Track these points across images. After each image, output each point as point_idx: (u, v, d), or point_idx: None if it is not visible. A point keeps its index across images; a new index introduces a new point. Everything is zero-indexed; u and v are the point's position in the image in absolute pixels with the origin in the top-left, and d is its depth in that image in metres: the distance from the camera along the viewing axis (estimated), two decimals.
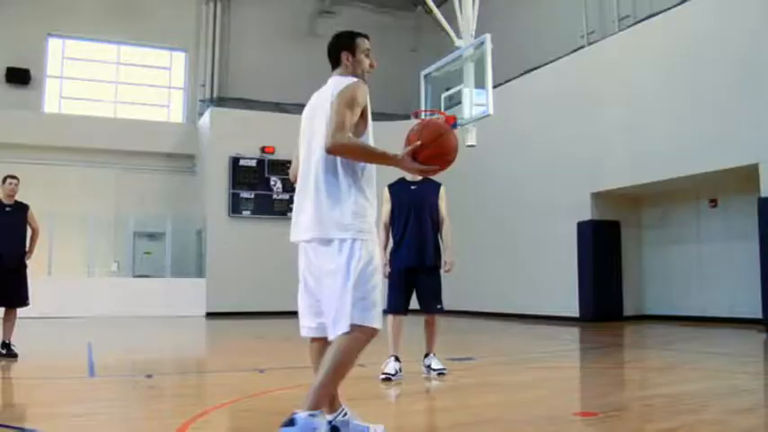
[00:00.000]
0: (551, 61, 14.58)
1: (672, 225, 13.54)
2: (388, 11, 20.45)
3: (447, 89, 9.95)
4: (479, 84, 9.24)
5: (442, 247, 6.01)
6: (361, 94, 3.22)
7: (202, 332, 13.03)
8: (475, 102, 9.29)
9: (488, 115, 9.15)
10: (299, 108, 15.25)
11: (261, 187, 17.59)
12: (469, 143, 9.72)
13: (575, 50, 14.30)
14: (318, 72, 18.86)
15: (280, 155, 17.50)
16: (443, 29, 10.16)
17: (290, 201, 17.52)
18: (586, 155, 13.29)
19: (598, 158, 13.12)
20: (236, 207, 17.33)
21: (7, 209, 7.68)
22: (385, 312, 5.67)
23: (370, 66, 3.51)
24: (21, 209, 7.80)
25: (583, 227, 13.40)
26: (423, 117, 9.80)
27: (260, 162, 17.61)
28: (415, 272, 5.90)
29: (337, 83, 3.31)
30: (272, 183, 17.73)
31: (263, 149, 17.62)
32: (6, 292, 7.49)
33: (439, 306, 5.95)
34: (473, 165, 16.12)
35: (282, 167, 17.38)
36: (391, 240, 6.01)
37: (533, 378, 6.07)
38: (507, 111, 14.67)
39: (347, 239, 3.10)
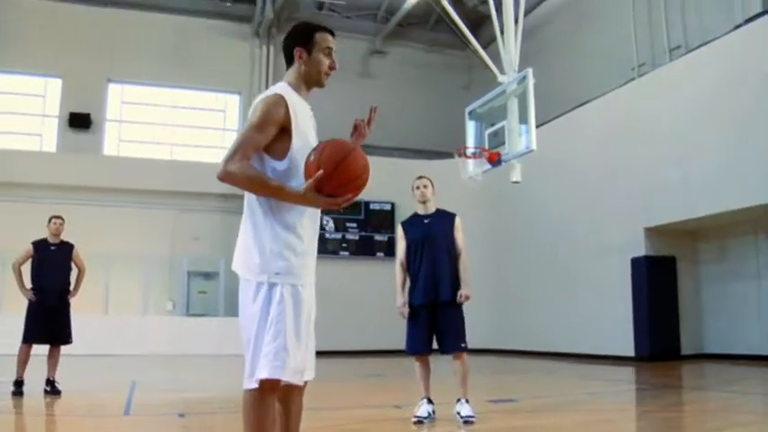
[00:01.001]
0: (600, 95, 14.61)
1: (730, 260, 13.30)
2: (439, 49, 20.82)
3: (492, 125, 10.12)
4: (523, 119, 9.37)
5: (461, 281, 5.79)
6: (272, 110, 2.78)
7: None
8: (518, 138, 9.40)
9: (531, 151, 9.24)
10: None
11: (342, 208, 17.87)
12: (514, 179, 9.81)
13: (624, 83, 14.31)
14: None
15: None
16: (487, 65, 10.37)
17: (343, 240, 17.89)
18: (638, 189, 13.24)
19: (651, 192, 13.03)
20: None
21: (52, 247, 8.09)
22: (407, 353, 5.83)
23: (330, 67, 3.07)
24: (66, 247, 8.19)
25: (637, 263, 13.29)
26: (469, 154, 10.02)
27: None
28: (432, 309, 5.73)
29: (264, 93, 2.92)
30: (323, 222, 18.06)
31: None
32: (49, 330, 7.82)
33: (462, 344, 5.71)
34: (521, 202, 16.28)
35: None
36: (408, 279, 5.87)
37: (576, 421, 5.91)
38: (556, 147, 14.80)
39: (263, 283, 2.75)
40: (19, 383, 7.51)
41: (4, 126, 18.79)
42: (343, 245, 17.87)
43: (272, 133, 2.77)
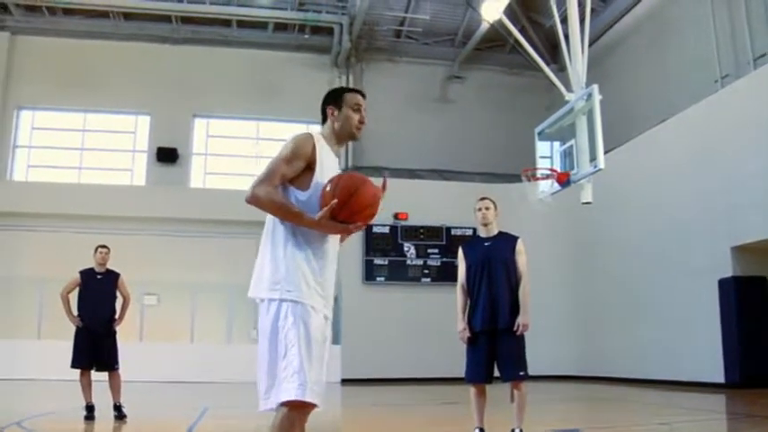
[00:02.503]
0: (681, 111, 14.25)
1: None
2: (518, 71, 20.83)
3: (562, 145, 10.07)
4: (592, 138, 9.27)
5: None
6: (301, 147, 3.13)
7: (335, 399, 13.40)
8: (587, 157, 9.31)
9: (599, 170, 9.12)
10: (432, 174, 15.89)
11: (394, 253, 18.07)
12: (585, 200, 9.73)
13: (706, 97, 13.87)
14: (451, 137, 19.67)
15: (413, 221, 18.02)
16: (553, 84, 10.36)
17: (425, 266, 17.96)
18: (724, 206, 12.82)
19: (738, 209, 12.57)
20: (370, 274, 17.87)
21: (98, 276, 8.45)
22: (465, 381, 5.76)
23: (360, 122, 3.39)
24: (112, 276, 8.53)
25: (725, 284, 12.84)
26: (539, 175, 10.00)
27: (393, 228, 18.15)
28: (491, 335, 5.60)
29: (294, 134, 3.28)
30: (405, 249, 18.18)
31: (396, 216, 18.16)
32: (96, 357, 8.16)
33: (522, 372, 5.53)
34: (600, 224, 16.11)
35: (416, 233, 17.91)
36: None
37: None
38: (636, 166, 14.60)
39: (275, 300, 3.00)
40: (90, 408, 7.92)
41: (99, 162, 19.81)
42: (425, 271, 17.96)
43: (298, 167, 3.12)
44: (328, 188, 3.04)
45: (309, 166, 3.13)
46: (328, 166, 3.21)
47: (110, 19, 20.09)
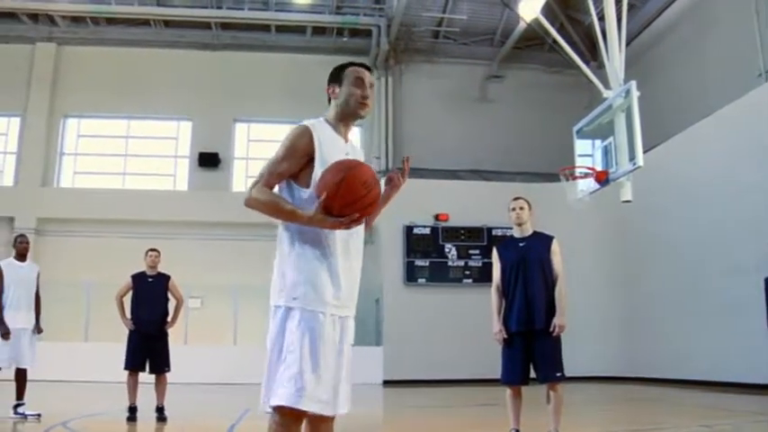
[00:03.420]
0: (723, 107, 13.95)
1: None
2: (558, 70, 20.63)
3: (602, 143, 9.99)
4: (630, 135, 9.17)
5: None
6: (298, 141, 2.94)
7: (375, 400, 13.44)
8: (626, 155, 9.20)
9: (638, 167, 9.02)
10: (472, 174, 15.84)
11: (435, 255, 18.04)
12: (624, 199, 9.63)
13: (748, 92, 13.56)
14: (491, 137, 19.60)
15: (453, 222, 17.99)
16: (590, 81, 10.29)
17: (466, 267, 17.91)
18: (767, 204, 12.46)
19: None
20: (411, 275, 17.87)
21: (150, 279, 8.58)
22: (501, 383, 5.73)
23: (363, 97, 3.12)
24: (163, 279, 8.66)
25: None
26: (577, 174, 9.94)
27: (434, 229, 18.13)
28: (527, 336, 5.55)
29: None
30: (446, 250, 18.14)
31: (436, 217, 18.15)
32: (148, 359, 8.31)
33: (558, 374, 5.46)
34: (638, 223, 15.90)
35: (456, 234, 17.88)
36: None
37: None
38: (678, 163, 14.34)
39: (281, 307, 2.91)
40: (132, 410, 8.06)
41: (142, 168, 20.21)
42: (466, 272, 17.90)
43: (297, 162, 2.93)
44: (318, 180, 2.86)
45: (311, 160, 2.94)
46: (332, 155, 2.97)
47: (151, 27, 20.50)
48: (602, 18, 11.12)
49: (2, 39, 20.06)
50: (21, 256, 8.45)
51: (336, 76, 3.16)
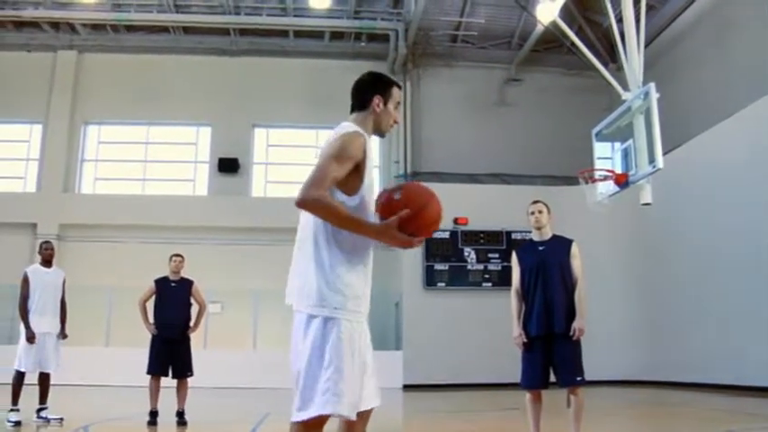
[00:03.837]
0: (742, 108, 13.81)
1: None
2: (576, 72, 20.57)
3: (621, 145, 9.96)
4: (650, 137, 9.13)
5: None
6: (356, 147, 2.89)
7: (395, 405, 13.43)
8: (645, 157, 9.15)
9: (658, 170, 8.97)
10: (491, 178, 15.79)
11: (454, 259, 18.01)
12: (644, 201, 9.59)
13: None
14: (510, 140, 19.57)
15: (473, 226, 17.96)
16: (609, 83, 10.28)
17: (485, 271, 17.87)
18: None
19: None
20: (430, 279, 17.85)
21: (173, 284, 8.68)
22: (521, 387, 5.70)
23: (395, 122, 3.23)
24: (186, 284, 8.73)
25: None
26: (596, 176, 9.90)
27: (453, 233, 18.10)
28: (547, 340, 5.52)
29: (339, 128, 3.04)
30: (465, 254, 18.12)
31: (455, 221, 18.11)
32: (171, 363, 8.40)
33: (579, 378, 5.44)
34: (660, 226, 15.81)
35: (476, 238, 17.85)
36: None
37: None
38: (701, 164, 14.23)
39: (318, 317, 2.87)
40: (153, 414, 8.16)
41: (162, 174, 20.38)
42: (486, 276, 17.87)
43: (348, 168, 2.88)
44: (396, 196, 2.84)
45: (357, 167, 2.90)
46: (371, 165, 3.02)
47: (170, 34, 20.67)
48: (620, 20, 11.09)
49: (24, 47, 20.34)
50: (46, 262, 8.56)
51: (385, 91, 3.18)
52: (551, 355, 5.52)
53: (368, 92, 3.16)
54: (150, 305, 8.62)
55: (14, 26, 20.09)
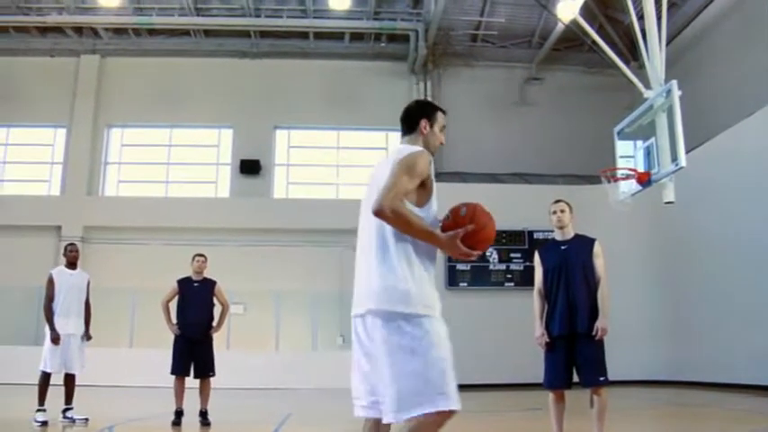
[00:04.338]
0: (765, 105, 13.64)
1: None
2: (597, 70, 20.40)
3: (644, 143, 9.87)
4: (672, 135, 9.03)
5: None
6: (423, 164, 3.16)
7: None
8: (668, 155, 9.05)
9: (681, 168, 8.88)
10: (513, 177, 15.72)
11: (476, 259, 17.84)
12: (667, 200, 9.49)
13: None
14: (531, 139, 19.51)
15: (496, 225, 17.80)
16: (630, 80, 10.20)
17: (507, 271, 17.80)
18: None
19: None
20: (452, 279, 17.79)
21: (195, 284, 8.70)
22: (544, 387, 5.66)
23: (441, 143, 3.53)
24: (208, 284, 8.75)
25: None
26: (618, 175, 9.82)
27: None
28: (570, 340, 5.49)
29: (400, 150, 3.31)
30: (487, 253, 18.03)
31: None
32: (193, 363, 8.43)
33: (602, 378, 5.40)
34: (683, 224, 15.67)
35: (498, 238, 17.48)
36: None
37: None
38: (723, 163, 14.07)
39: (413, 317, 3.02)
40: (178, 414, 8.21)
41: (185, 176, 20.52)
42: (508, 276, 17.80)
43: (416, 183, 3.15)
44: (463, 211, 3.18)
45: (423, 183, 3.18)
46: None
47: (191, 37, 20.81)
48: (641, 17, 11.00)
49: (48, 53, 20.58)
50: (71, 264, 8.65)
51: (431, 115, 3.50)
52: (574, 354, 5.49)
53: (415, 116, 3.51)
54: (173, 306, 8.67)
55: (38, 31, 20.33)
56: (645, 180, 9.72)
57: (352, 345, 3.29)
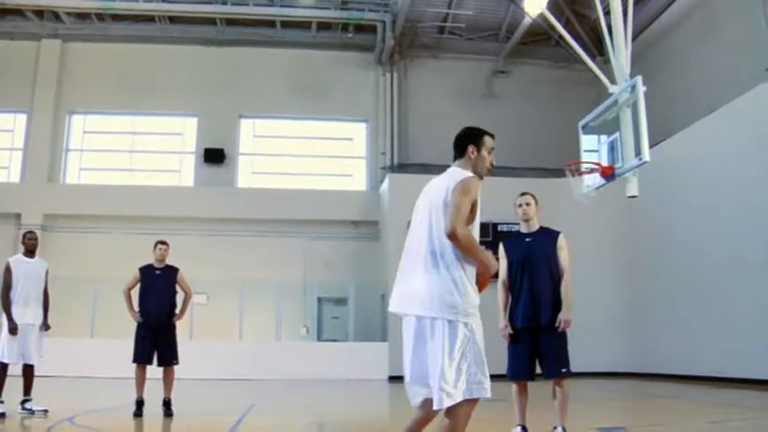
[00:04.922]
0: (729, 101, 13.87)
1: None
2: (564, 65, 20.56)
3: (608, 138, 9.96)
4: (636, 130, 9.12)
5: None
6: (475, 189, 3.56)
7: (382, 397, 13.43)
8: (632, 150, 9.15)
9: (645, 163, 8.99)
10: None
11: None
12: (630, 194, 9.58)
13: (755, 87, 13.42)
14: (497, 132, 19.19)
15: None
16: (596, 75, 10.28)
17: None
18: None
19: None
20: None
21: (157, 271, 8.55)
22: (507, 378, 5.70)
23: (491, 164, 3.85)
24: (171, 271, 8.63)
25: None
26: (583, 169, 9.90)
27: None
28: (533, 332, 5.50)
29: (454, 174, 3.66)
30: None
31: None
32: (156, 351, 8.29)
33: (564, 369, 5.43)
34: (646, 219, 15.88)
35: None
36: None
37: None
38: (687, 157, 14.27)
39: (459, 322, 3.47)
40: (139, 403, 8.05)
41: (148, 164, 20.27)
42: None
43: (470, 205, 3.54)
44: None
45: (472, 207, 3.54)
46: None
47: (156, 23, 20.52)
48: (608, 13, 11.06)
49: (8, 36, 20.13)
50: (29, 252, 8.46)
51: (477, 139, 3.83)
52: (537, 346, 5.50)
53: (463, 142, 3.83)
54: (135, 294, 8.55)
55: None
56: (609, 174, 9.79)
57: (404, 338, 3.66)
